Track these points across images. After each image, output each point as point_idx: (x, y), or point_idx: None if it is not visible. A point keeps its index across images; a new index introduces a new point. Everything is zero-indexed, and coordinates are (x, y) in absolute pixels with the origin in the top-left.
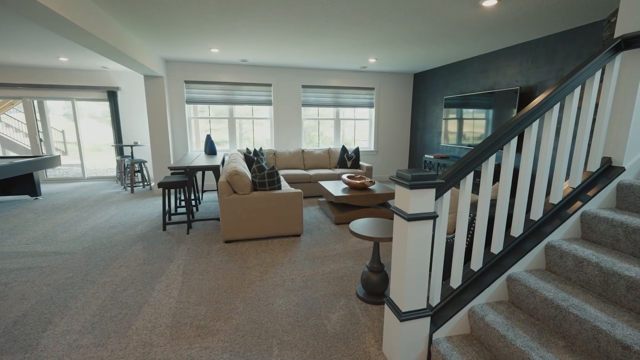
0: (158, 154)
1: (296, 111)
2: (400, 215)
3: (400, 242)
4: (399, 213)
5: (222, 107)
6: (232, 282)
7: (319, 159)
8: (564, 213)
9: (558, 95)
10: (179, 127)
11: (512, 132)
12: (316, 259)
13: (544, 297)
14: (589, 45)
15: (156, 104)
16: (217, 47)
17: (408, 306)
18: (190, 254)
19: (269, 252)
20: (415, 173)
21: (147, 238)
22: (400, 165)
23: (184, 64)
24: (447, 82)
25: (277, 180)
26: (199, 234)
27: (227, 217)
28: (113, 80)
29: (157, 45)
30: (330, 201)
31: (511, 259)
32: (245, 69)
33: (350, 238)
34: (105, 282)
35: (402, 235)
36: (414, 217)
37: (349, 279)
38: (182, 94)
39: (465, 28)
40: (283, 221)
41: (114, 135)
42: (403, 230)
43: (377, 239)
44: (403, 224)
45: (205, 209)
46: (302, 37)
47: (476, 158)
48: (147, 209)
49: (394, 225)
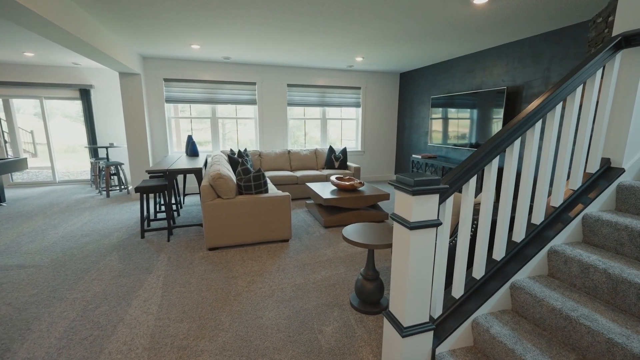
0: (136, 156)
1: (282, 111)
2: (402, 223)
3: (402, 252)
4: (400, 221)
5: (204, 107)
6: (217, 294)
7: (305, 160)
8: (566, 216)
9: (560, 94)
10: (158, 127)
11: (516, 133)
12: (306, 265)
13: (551, 306)
14: (574, 46)
15: (133, 103)
16: (198, 44)
17: (410, 320)
18: (171, 263)
19: (256, 259)
20: (418, 178)
21: (123, 247)
22: (388, 165)
23: (163, 61)
24: (434, 81)
25: (263, 183)
26: (181, 242)
27: (211, 223)
28: (86, 77)
29: (133, 41)
30: (318, 204)
31: (514, 265)
32: (228, 66)
33: (341, 242)
34: (75, 298)
35: (404, 245)
36: (416, 226)
37: (342, 287)
38: (161, 92)
39: (456, 27)
40: (270, 226)
41: (87, 136)
42: (405, 239)
43: (372, 246)
44: (405, 232)
45: (187, 214)
46: (289, 34)
47: (480, 160)
48: (124, 214)
49: (394, 234)
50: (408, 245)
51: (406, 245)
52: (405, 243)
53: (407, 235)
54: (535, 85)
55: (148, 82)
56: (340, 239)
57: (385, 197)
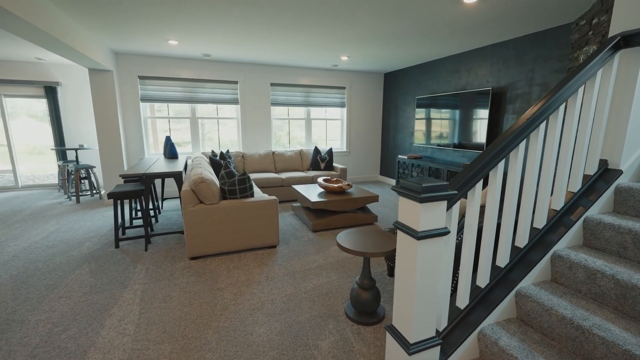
0: (108, 159)
1: (265, 110)
2: (408, 233)
3: (408, 264)
4: (406, 230)
5: (183, 106)
6: (202, 309)
7: (290, 161)
8: (568, 220)
9: (563, 96)
10: (133, 127)
11: (521, 135)
12: (296, 273)
13: (561, 315)
14: (558, 48)
15: (104, 102)
16: (175, 39)
17: (417, 336)
18: (150, 276)
19: (243, 268)
20: (427, 184)
21: (95, 258)
22: (373, 166)
23: (138, 57)
24: (419, 82)
25: (249, 187)
26: (160, 251)
27: (193, 231)
28: (51, 74)
29: (104, 35)
30: (306, 207)
31: (518, 272)
32: (208, 64)
33: (331, 247)
34: (38, 321)
35: (411, 256)
36: (424, 235)
37: (335, 296)
38: (136, 90)
39: (444, 26)
40: (257, 232)
41: (54, 138)
42: (412, 250)
43: (369, 254)
44: (412, 243)
45: (166, 220)
46: (274, 31)
47: (487, 163)
48: (95, 221)
49: (399, 244)
50: (415, 256)
51: (413, 256)
52: (412, 254)
53: (414, 245)
54: (519, 86)
55: (121, 80)
56: (330, 243)
57: (374, 199)
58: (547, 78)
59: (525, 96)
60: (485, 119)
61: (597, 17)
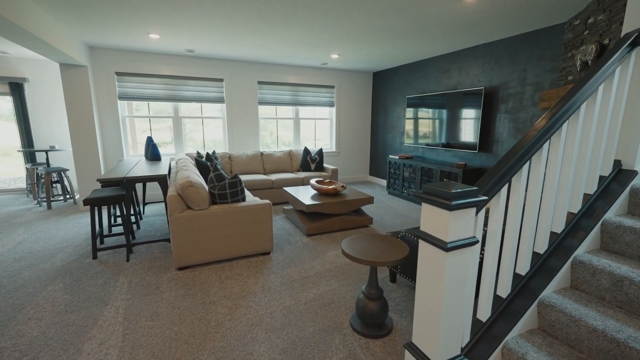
0: (83, 161)
1: (252, 110)
2: (435, 244)
3: (434, 277)
4: (432, 241)
5: (165, 105)
6: (194, 327)
7: (279, 162)
8: (586, 223)
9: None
10: (110, 127)
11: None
12: (294, 282)
13: (591, 327)
14: (550, 47)
15: (78, 100)
16: (157, 33)
17: (442, 355)
18: (133, 290)
19: (236, 278)
20: (456, 190)
21: (70, 272)
22: (363, 166)
23: (115, 51)
24: (409, 81)
25: (240, 191)
26: (144, 261)
27: (181, 238)
28: (17, 68)
29: (77, 26)
30: (299, 210)
31: (539, 280)
32: (192, 61)
33: (328, 252)
34: (2, 349)
35: (437, 269)
36: (454, 246)
37: (338, 306)
38: (113, 88)
39: (440, 24)
40: (250, 238)
41: (21, 138)
42: (439, 262)
43: (380, 264)
44: (439, 255)
45: (148, 226)
46: (264, 25)
47: (512, 166)
48: (70, 230)
49: (422, 256)
50: (443, 269)
51: (440, 269)
52: (439, 267)
53: (442, 257)
54: (512, 86)
55: (97, 76)
56: (327, 248)
57: (369, 201)
58: (540, 78)
59: (518, 96)
60: (477, 119)
61: (593, 17)
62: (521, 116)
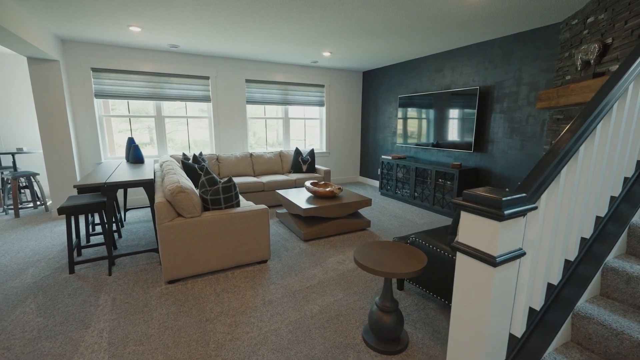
0: (56, 164)
1: (240, 109)
2: (480, 258)
3: (478, 296)
4: (478, 255)
5: (146, 104)
6: (191, 350)
7: (270, 164)
8: (613, 227)
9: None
10: (85, 128)
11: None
12: (296, 293)
13: (636, 341)
14: (546, 47)
15: (49, 98)
16: (138, 25)
17: None
18: (118, 308)
19: (233, 290)
20: (507, 197)
21: (43, 289)
22: (353, 167)
23: (91, 45)
24: (400, 80)
25: (235, 196)
26: (128, 274)
27: (171, 249)
28: None
29: (47, 16)
30: (294, 214)
31: (572, 289)
32: (176, 57)
33: (328, 258)
34: None
35: (483, 287)
36: (503, 260)
37: (348, 319)
38: (88, 85)
39: (440, 20)
40: (246, 246)
41: None
42: (485, 280)
43: (401, 275)
44: (485, 271)
45: (131, 234)
46: (254, 19)
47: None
48: (41, 240)
49: (461, 272)
50: (490, 286)
51: (487, 287)
52: (486, 285)
53: (489, 274)
54: (507, 86)
55: (70, 72)
56: (326, 254)
57: (367, 203)
58: (536, 77)
59: (513, 95)
60: (472, 119)
61: (593, 16)
62: (516, 116)
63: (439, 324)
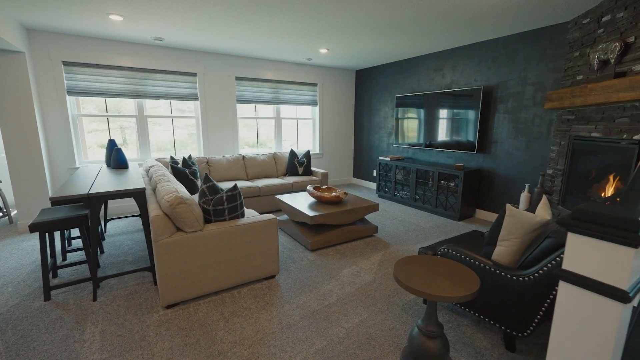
0: (22, 169)
1: (230, 108)
2: (604, 292)
3: (595, 336)
4: (599, 288)
5: (127, 102)
6: None
7: (264, 167)
8: None
9: None
10: (57, 129)
11: None
12: (316, 313)
13: None
14: (552, 47)
15: (12, 94)
16: (120, 13)
17: None
18: (110, 344)
19: (243, 313)
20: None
21: (12, 323)
22: (348, 169)
23: (62, 36)
24: (396, 80)
25: (240, 205)
26: (117, 298)
27: (170, 270)
28: None
29: (8, 1)
30: (298, 221)
31: None
32: (160, 51)
33: (341, 270)
34: None
35: (606, 328)
36: (635, 294)
37: (381, 343)
38: (60, 80)
39: (446, 17)
40: (253, 261)
41: None
42: (608, 319)
43: (457, 299)
44: (609, 309)
45: (114, 249)
46: (251, 12)
47: None
48: (7, 259)
49: (567, 306)
50: (615, 327)
51: (611, 328)
52: (610, 325)
53: (615, 311)
54: (511, 86)
55: (38, 66)
56: (338, 265)
57: (375, 208)
58: (542, 77)
59: (518, 96)
60: (475, 119)
61: (610, 14)
62: (522, 116)
63: (479, 344)
